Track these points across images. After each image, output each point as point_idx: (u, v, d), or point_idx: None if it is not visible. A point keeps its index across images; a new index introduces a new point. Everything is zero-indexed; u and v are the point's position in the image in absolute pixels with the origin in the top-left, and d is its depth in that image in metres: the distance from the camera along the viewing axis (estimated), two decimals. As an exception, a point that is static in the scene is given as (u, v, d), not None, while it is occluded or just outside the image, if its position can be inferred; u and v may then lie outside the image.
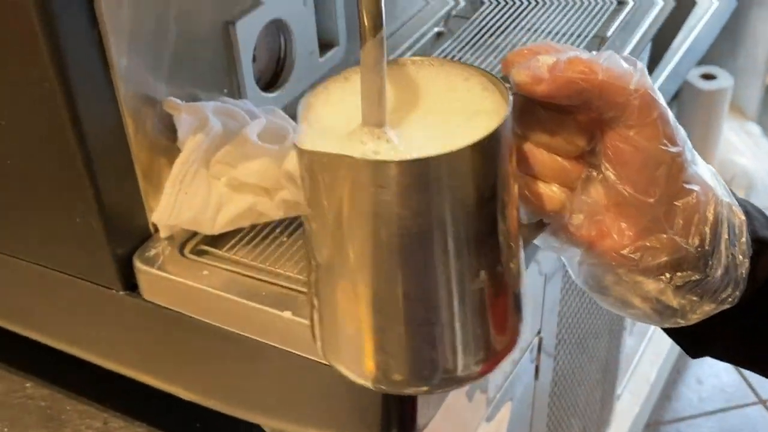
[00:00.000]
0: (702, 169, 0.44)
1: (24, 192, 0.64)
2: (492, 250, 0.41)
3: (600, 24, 0.84)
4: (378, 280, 0.40)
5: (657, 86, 1.10)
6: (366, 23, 0.41)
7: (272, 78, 0.72)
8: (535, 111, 0.42)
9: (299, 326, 0.57)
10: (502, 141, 0.39)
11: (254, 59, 0.68)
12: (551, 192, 0.43)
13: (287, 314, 0.57)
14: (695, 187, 0.42)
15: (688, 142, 0.43)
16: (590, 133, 0.42)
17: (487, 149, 0.39)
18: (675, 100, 1.84)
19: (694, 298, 0.44)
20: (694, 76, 1.83)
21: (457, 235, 0.39)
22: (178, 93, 0.62)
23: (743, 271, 0.44)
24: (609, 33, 0.83)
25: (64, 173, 0.59)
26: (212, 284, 0.60)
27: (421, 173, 0.37)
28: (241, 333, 0.60)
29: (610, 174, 0.42)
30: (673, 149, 0.41)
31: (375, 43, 0.41)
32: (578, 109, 0.42)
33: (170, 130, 0.61)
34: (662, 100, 0.42)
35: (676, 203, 0.42)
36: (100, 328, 0.68)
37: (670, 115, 0.42)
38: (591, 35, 0.83)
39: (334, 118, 0.42)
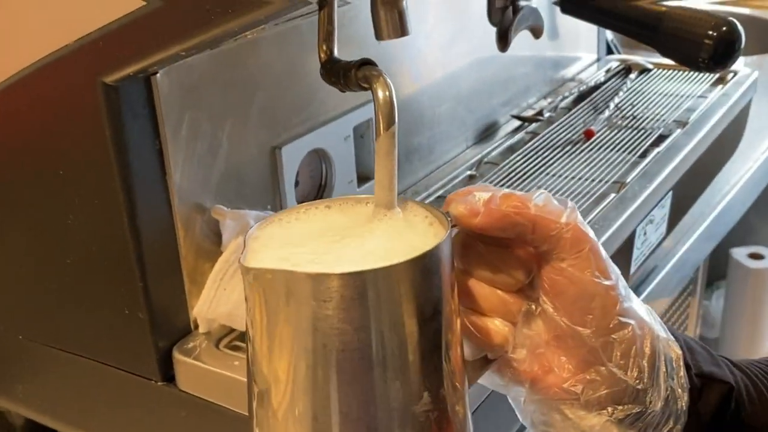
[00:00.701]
0: (637, 305, 0.45)
1: (79, 287, 0.71)
2: (435, 373, 0.41)
3: (621, 171, 0.91)
4: (317, 400, 0.40)
5: (690, 241, 1.12)
6: (380, 120, 0.49)
7: (313, 202, 0.80)
8: (475, 246, 0.44)
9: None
10: (442, 261, 0.41)
11: (297, 184, 0.76)
12: (494, 326, 0.44)
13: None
14: (631, 321, 0.43)
15: (622, 279, 0.44)
16: (528, 267, 0.44)
17: (427, 266, 0.40)
18: (724, 279, 1.87)
19: None
20: (741, 255, 1.86)
21: (398, 353, 0.40)
22: (225, 206, 0.69)
23: (683, 405, 0.45)
24: (628, 179, 0.89)
25: (117, 268, 0.66)
26: (240, 373, 0.64)
27: (360, 286, 0.39)
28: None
29: (548, 306, 0.43)
30: (606, 282, 0.43)
31: (388, 135, 0.49)
32: (515, 243, 0.43)
33: (215, 235, 0.68)
34: (593, 235, 0.43)
35: (613, 336, 0.43)
36: (136, 417, 0.73)
37: (602, 250, 0.43)
38: (611, 180, 0.89)
39: (280, 241, 0.43)
